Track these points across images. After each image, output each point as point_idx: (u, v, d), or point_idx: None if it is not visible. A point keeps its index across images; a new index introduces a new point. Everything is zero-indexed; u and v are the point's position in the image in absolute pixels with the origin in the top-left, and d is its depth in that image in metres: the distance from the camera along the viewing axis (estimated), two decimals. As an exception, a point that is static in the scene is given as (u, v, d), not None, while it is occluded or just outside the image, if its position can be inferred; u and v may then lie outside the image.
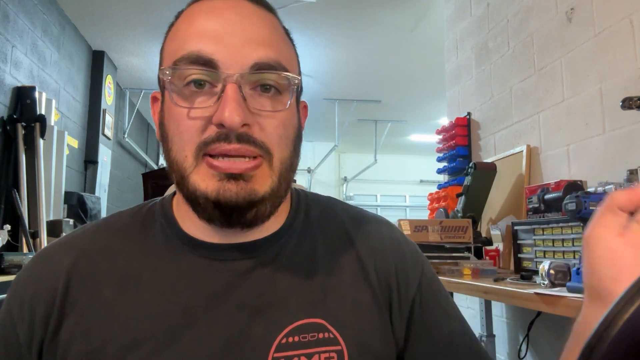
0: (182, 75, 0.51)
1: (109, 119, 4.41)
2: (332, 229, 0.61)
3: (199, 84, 0.50)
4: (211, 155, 0.50)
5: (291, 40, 0.59)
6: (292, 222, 0.60)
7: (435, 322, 0.59)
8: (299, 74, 0.58)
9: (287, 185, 0.54)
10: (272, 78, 0.51)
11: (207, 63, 0.50)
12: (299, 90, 0.58)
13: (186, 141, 0.50)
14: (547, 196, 1.43)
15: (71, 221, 3.07)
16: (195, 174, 0.50)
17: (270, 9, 0.57)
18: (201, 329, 0.51)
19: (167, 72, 0.51)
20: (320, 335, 0.52)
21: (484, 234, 1.97)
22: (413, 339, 0.58)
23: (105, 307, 0.51)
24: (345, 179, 7.95)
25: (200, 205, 0.51)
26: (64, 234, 2.61)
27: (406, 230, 1.68)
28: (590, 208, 1.03)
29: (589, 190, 1.19)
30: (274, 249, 0.57)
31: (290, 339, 0.51)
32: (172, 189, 0.65)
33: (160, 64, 0.55)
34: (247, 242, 0.56)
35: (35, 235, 2.64)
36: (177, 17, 0.56)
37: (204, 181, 0.50)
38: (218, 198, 0.49)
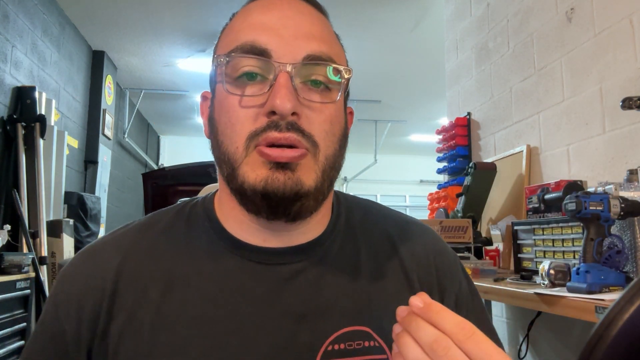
0: (236, 66, 0.51)
1: (109, 119, 4.41)
2: (375, 235, 0.61)
3: (251, 75, 0.51)
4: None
5: (342, 45, 0.60)
6: (334, 226, 0.59)
7: None
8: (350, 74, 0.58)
9: (330, 183, 0.54)
10: (323, 73, 0.52)
11: (261, 52, 0.51)
12: (347, 91, 0.58)
13: (238, 132, 0.51)
14: (547, 196, 1.43)
15: (71, 221, 3.07)
16: (245, 164, 0.50)
17: (324, 13, 0.59)
18: (247, 335, 0.50)
19: (222, 60, 0.52)
20: (367, 344, 0.52)
21: (484, 234, 1.97)
22: None
23: (152, 308, 0.51)
24: (345, 179, 7.95)
25: (248, 197, 0.51)
26: (64, 234, 2.58)
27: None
28: (590, 208, 1.03)
29: (589, 190, 1.19)
30: (318, 253, 0.56)
31: (337, 347, 0.51)
32: (204, 190, 0.64)
33: (214, 61, 0.56)
34: (293, 247, 0.55)
35: (35, 235, 2.64)
36: (232, 18, 0.58)
37: (254, 171, 0.50)
38: (266, 188, 0.49)
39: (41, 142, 2.87)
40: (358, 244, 0.59)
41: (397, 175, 7.94)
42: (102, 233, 3.75)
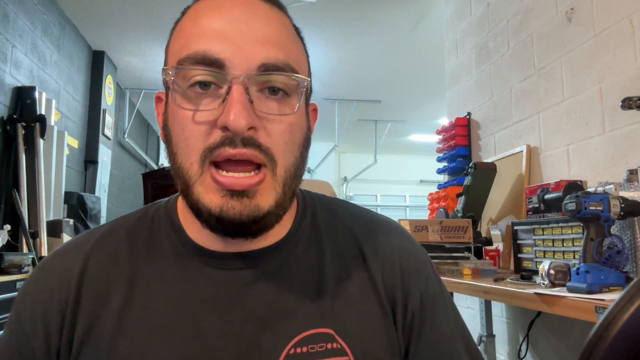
0: (187, 75, 0.48)
1: (109, 119, 4.41)
2: (341, 236, 0.59)
3: (204, 84, 0.48)
4: (216, 164, 0.48)
5: (302, 39, 0.56)
6: (298, 228, 0.58)
7: (433, 339, 0.57)
8: (309, 75, 0.55)
9: (292, 194, 0.52)
10: (280, 80, 0.49)
11: (213, 63, 0.47)
12: (309, 93, 0.55)
13: (192, 147, 0.48)
14: (547, 196, 1.43)
15: (71, 221, 3.07)
16: (199, 184, 0.48)
17: (280, 7, 0.54)
18: (208, 342, 0.50)
19: (170, 73, 0.49)
20: (329, 346, 0.51)
21: (484, 234, 1.97)
22: (412, 354, 0.56)
23: (112, 318, 0.51)
24: (345, 179, 7.95)
25: (204, 217, 0.49)
26: (64, 234, 2.57)
27: (406, 230, 1.68)
28: (590, 208, 1.03)
29: (588, 190, 1.19)
30: (280, 257, 0.55)
31: (299, 350, 0.50)
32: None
33: (165, 64, 0.53)
34: (254, 251, 0.54)
35: (35, 235, 2.64)
36: (183, 13, 0.54)
37: (207, 194, 0.48)
38: (221, 215, 0.48)
39: (41, 142, 2.87)
40: (322, 245, 0.57)
41: (397, 175, 7.93)
42: (102, 233, 3.75)
